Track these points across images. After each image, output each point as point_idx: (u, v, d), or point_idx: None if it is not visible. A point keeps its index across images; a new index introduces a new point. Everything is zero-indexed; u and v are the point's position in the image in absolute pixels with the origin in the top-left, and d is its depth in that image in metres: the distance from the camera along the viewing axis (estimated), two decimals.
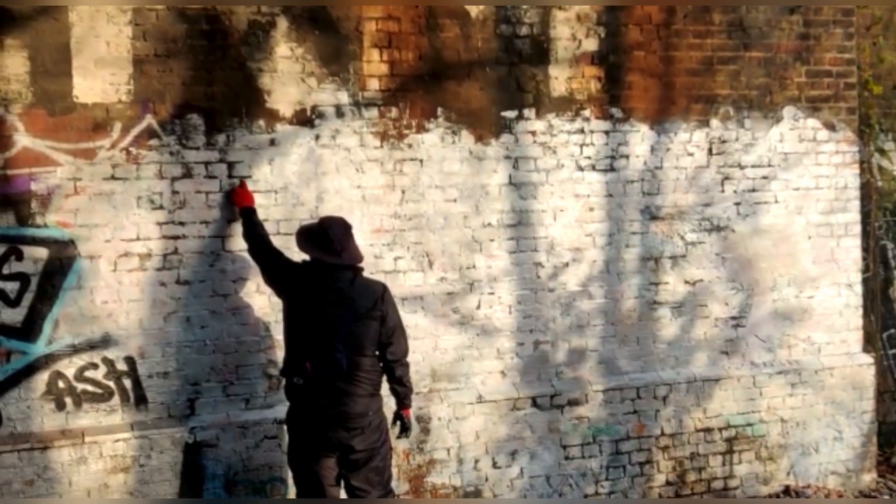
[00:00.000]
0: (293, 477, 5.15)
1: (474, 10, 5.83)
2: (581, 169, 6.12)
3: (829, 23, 6.61)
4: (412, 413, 5.37)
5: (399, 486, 5.70)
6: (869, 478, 6.79)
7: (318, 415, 4.90)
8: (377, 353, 5.01)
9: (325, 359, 4.86)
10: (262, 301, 5.51)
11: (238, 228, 5.40)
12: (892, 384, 7.41)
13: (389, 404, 5.16)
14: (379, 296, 5.01)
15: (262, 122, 5.48)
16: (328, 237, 4.94)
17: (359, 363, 4.92)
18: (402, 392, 5.13)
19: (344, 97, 5.63)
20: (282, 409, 5.51)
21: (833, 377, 6.66)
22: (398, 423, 5.17)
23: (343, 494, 5.11)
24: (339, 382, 4.87)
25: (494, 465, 5.98)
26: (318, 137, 5.59)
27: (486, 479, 5.96)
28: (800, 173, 6.59)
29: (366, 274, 5.14)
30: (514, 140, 5.97)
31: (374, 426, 4.98)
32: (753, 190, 6.49)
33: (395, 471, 5.45)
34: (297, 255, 5.13)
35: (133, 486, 5.29)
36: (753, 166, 6.48)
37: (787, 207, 6.56)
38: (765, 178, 6.51)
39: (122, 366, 5.30)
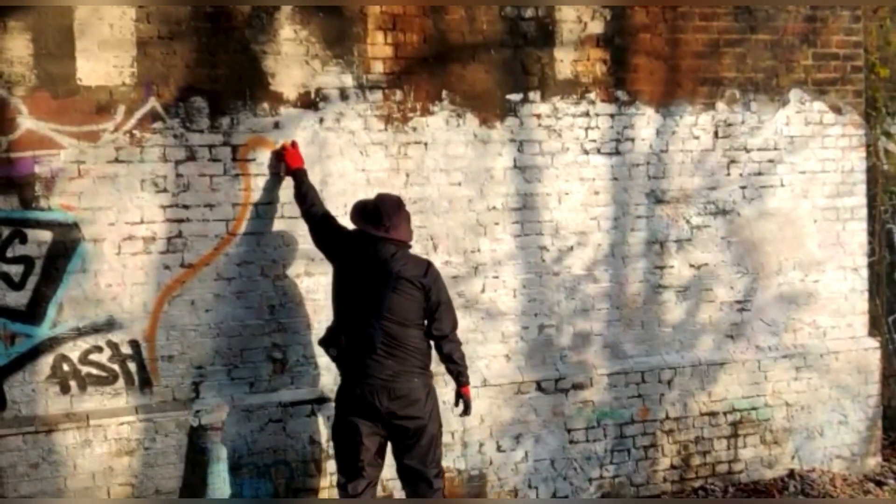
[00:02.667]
0: (335, 453, 5.14)
1: None
2: (586, 152, 6.09)
3: (836, 5, 6.56)
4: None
5: None
6: (874, 462, 6.79)
7: (361, 382, 4.92)
8: (424, 328, 5.06)
9: (358, 333, 4.95)
10: (267, 284, 5.50)
11: (244, 212, 5.41)
12: None
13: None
14: (422, 270, 5.04)
15: (266, 105, 5.45)
16: (378, 212, 5.02)
17: (402, 336, 4.95)
18: (455, 370, 5.15)
19: (348, 80, 5.60)
20: (287, 393, 5.53)
21: (838, 361, 6.65)
22: (460, 402, 5.21)
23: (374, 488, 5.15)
24: (372, 356, 4.90)
25: (499, 449, 5.98)
26: (322, 120, 5.57)
27: (491, 463, 5.96)
28: (806, 156, 6.56)
29: None
30: (519, 123, 5.94)
31: (420, 401, 4.98)
32: (759, 173, 6.46)
33: None
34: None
35: (138, 469, 5.29)
36: (759, 149, 6.45)
37: (793, 191, 6.54)
38: (771, 161, 6.48)
39: (126, 349, 5.30)
